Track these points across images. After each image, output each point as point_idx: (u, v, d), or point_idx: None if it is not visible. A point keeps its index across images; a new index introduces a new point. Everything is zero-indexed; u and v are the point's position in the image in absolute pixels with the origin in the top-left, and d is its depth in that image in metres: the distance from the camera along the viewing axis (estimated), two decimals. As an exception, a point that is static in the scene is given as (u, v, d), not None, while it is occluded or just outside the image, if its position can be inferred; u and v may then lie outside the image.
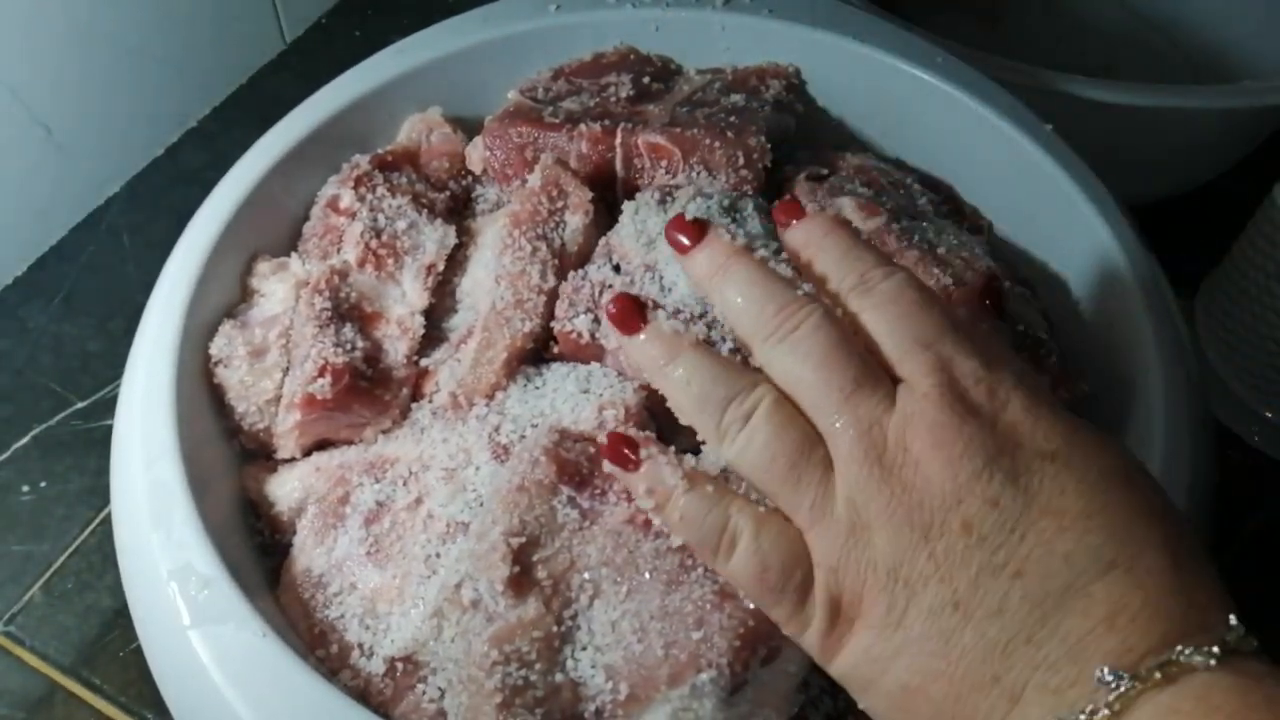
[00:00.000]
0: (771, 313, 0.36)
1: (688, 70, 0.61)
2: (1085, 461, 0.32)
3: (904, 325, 0.35)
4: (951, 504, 0.32)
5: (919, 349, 0.34)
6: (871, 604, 0.33)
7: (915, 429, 0.33)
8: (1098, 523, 0.31)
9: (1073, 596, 0.30)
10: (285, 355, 0.50)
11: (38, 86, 0.66)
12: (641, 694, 0.38)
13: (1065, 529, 0.31)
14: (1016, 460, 0.32)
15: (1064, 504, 0.31)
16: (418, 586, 0.44)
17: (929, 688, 0.32)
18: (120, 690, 0.54)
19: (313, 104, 0.57)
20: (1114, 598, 0.30)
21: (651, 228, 0.48)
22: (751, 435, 0.35)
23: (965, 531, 0.32)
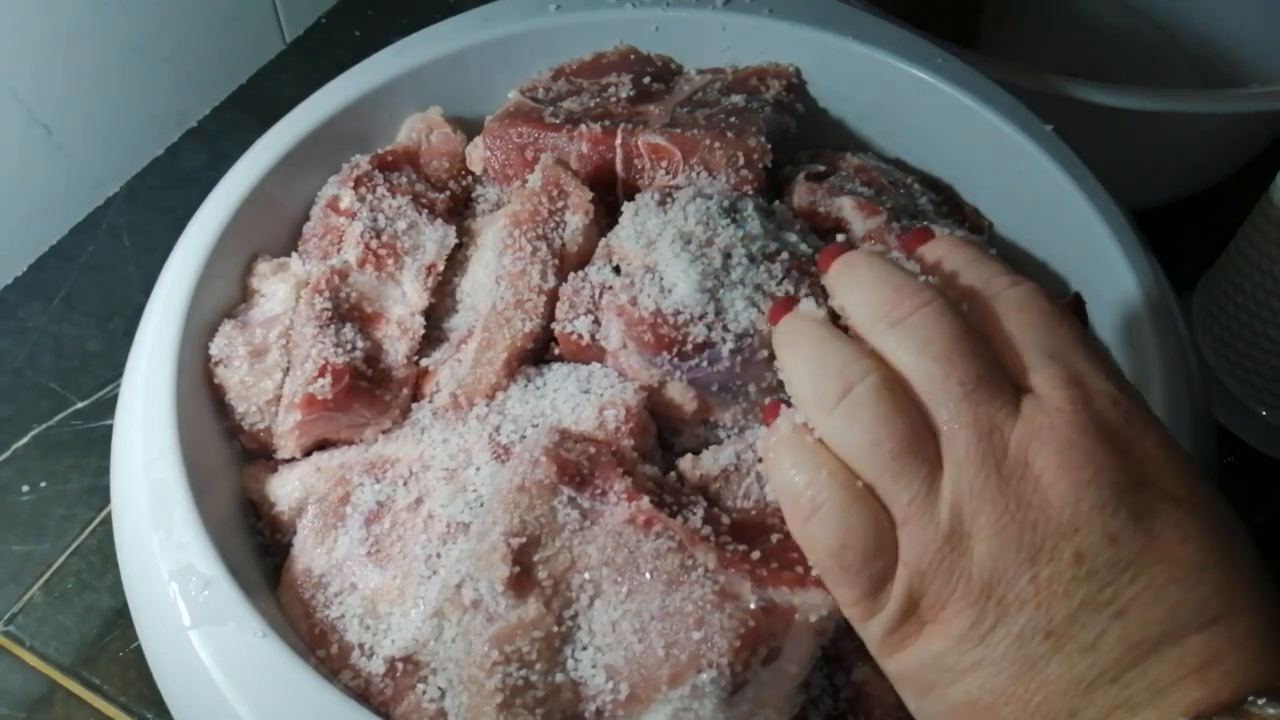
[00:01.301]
0: (890, 292, 0.34)
1: (688, 70, 0.61)
2: (1209, 513, 0.31)
3: (1033, 333, 0.33)
4: (1068, 531, 0.30)
5: (1050, 359, 0.32)
6: (956, 614, 0.32)
7: (1042, 443, 0.31)
8: (1211, 576, 0.30)
9: (1169, 644, 0.29)
10: (285, 355, 0.50)
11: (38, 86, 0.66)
12: (642, 694, 0.38)
13: (1178, 579, 0.30)
14: (1143, 498, 0.31)
15: (1182, 553, 0.30)
16: (418, 586, 0.44)
17: (999, 709, 0.31)
18: (120, 690, 0.54)
19: (313, 104, 0.57)
20: (1211, 651, 0.29)
21: (651, 229, 0.48)
22: (855, 411, 0.33)
23: (1076, 562, 0.30)
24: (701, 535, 0.40)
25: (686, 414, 0.47)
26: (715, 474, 0.45)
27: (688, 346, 0.45)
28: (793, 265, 0.47)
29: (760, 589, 0.39)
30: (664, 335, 0.45)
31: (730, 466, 0.45)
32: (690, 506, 0.42)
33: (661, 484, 0.44)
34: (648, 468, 0.44)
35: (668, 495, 0.43)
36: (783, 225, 0.49)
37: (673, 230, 0.47)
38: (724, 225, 0.47)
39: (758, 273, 0.46)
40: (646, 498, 0.41)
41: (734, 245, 0.46)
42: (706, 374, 0.46)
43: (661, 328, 0.45)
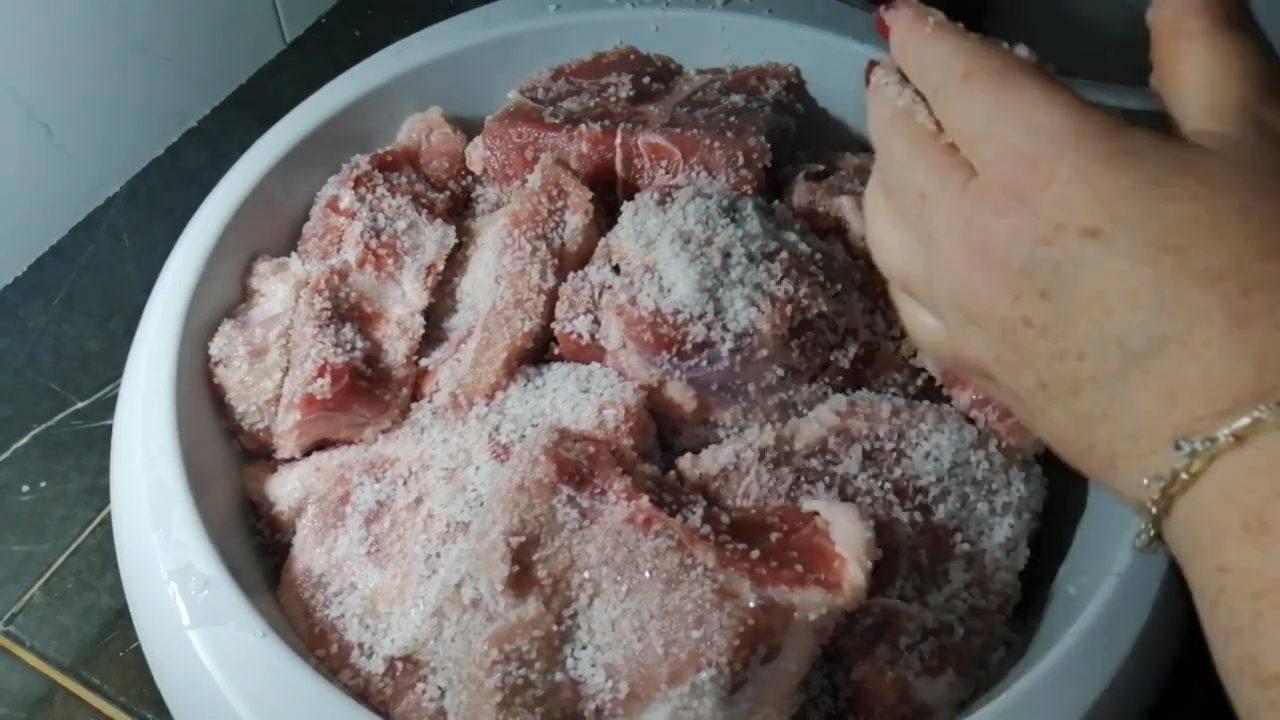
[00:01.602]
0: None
1: (688, 70, 0.61)
2: (1133, 230, 0.31)
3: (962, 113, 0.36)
4: (1012, 302, 0.33)
5: (965, 142, 0.36)
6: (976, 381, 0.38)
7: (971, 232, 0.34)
8: (1143, 299, 0.30)
9: (1134, 374, 0.30)
10: (285, 355, 0.50)
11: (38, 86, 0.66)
12: (641, 693, 0.38)
13: (1111, 311, 0.31)
14: (1058, 246, 0.32)
15: (1107, 285, 0.31)
16: (418, 586, 0.44)
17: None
18: (120, 690, 0.54)
19: (313, 104, 0.57)
20: (1169, 373, 0.30)
21: (651, 228, 0.48)
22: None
23: (1027, 326, 0.33)
24: (701, 534, 0.40)
25: (686, 413, 0.47)
26: (715, 473, 0.45)
27: (687, 346, 0.45)
28: (792, 264, 0.47)
29: (760, 588, 0.39)
30: (663, 335, 0.45)
31: (730, 466, 0.45)
32: (690, 506, 0.42)
33: (661, 483, 0.44)
34: (647, 467, 0.44)
35: (667, 494, 0.43)
36: (782, 225, 0.49)
37: (672, 230, 0.47)
38: (723, 225, 0.47)
39: (757, 272, 0.46)
40: (646, 497, 0.41)
41: (733, 245, 0.46)
42: (706, 373, 0.46)
43: (661, 327, 0.45)
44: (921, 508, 0.45)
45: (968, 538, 0.45)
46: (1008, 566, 0.45)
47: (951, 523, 0.45)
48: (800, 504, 0.44)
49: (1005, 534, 0.45)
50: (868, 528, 0.41)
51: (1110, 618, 0.40)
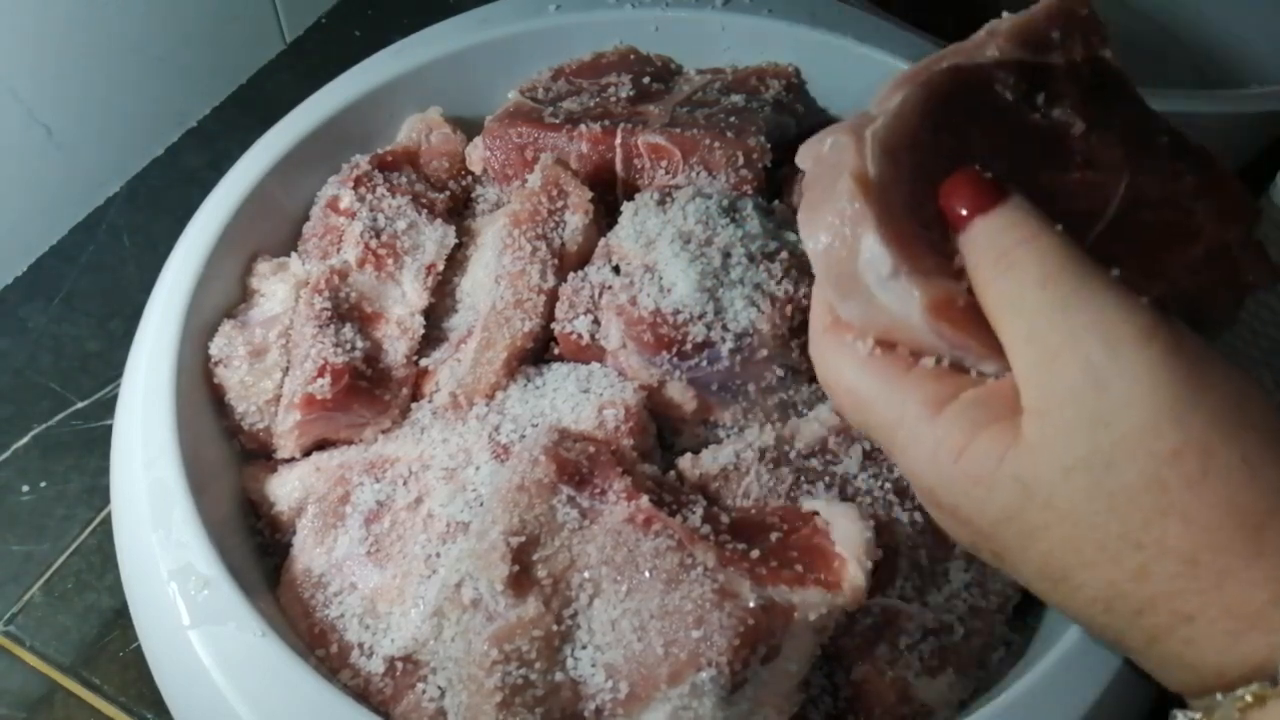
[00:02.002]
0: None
1: (688, 70, 0.61)
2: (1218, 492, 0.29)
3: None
4: (1112, 566, 0.31)
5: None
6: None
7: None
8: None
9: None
10: (285, 355, 0.50)
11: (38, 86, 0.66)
12: (641, 692, 0.38)
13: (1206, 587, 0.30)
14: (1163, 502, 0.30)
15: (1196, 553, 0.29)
16: (418, 586, 0.44)
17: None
18: (120, 690, 0.54)
19: (313, 104, 0.57)
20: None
21: (651, 228, 0.48)
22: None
23: (1123, 582, 0.30)
24: (701, 534, 0.40)
25: (686, 413, 0.47)
26: (715, 473, 0.45)
27: (687, 346, 0.45)
28: (792, 264, 0.47)
29: (759, 587, 0.39)
30: (663, 335, 0.45)
31: (730, 466, 0.45)
32: (690, 505, 0.42)
33: (661, 483, 0.44)
34: (647, 467, 0.44)
35: (667, 494, 0.43)
36: (782, 224, 0.49)
37: (672, 230, 0.47)
38: (723, 225, 0.47)
39: (757, 272, 0.46)
40: (646, 497, 0.41)
41: (733, 245, 0.46)
42: (706, 373, 0.46)
43: (661, 327, 0.45)
44: (921, 508, 0.45)
45: (968, 538, 0.45)
46: (1008, 566, 0.45)
47: (951, 523, 0.45)
48: (800, 504, 0.44)
49: (1005, 534, 0.45)
50: (868, 528, 0.41)
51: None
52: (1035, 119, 0.35)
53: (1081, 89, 0.36)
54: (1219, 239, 0.36)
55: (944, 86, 0.34)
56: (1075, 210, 0.34)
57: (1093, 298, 0.30)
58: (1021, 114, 0.35)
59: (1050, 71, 0.36)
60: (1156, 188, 0.36)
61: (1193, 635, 0.29)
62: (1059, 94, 0.36)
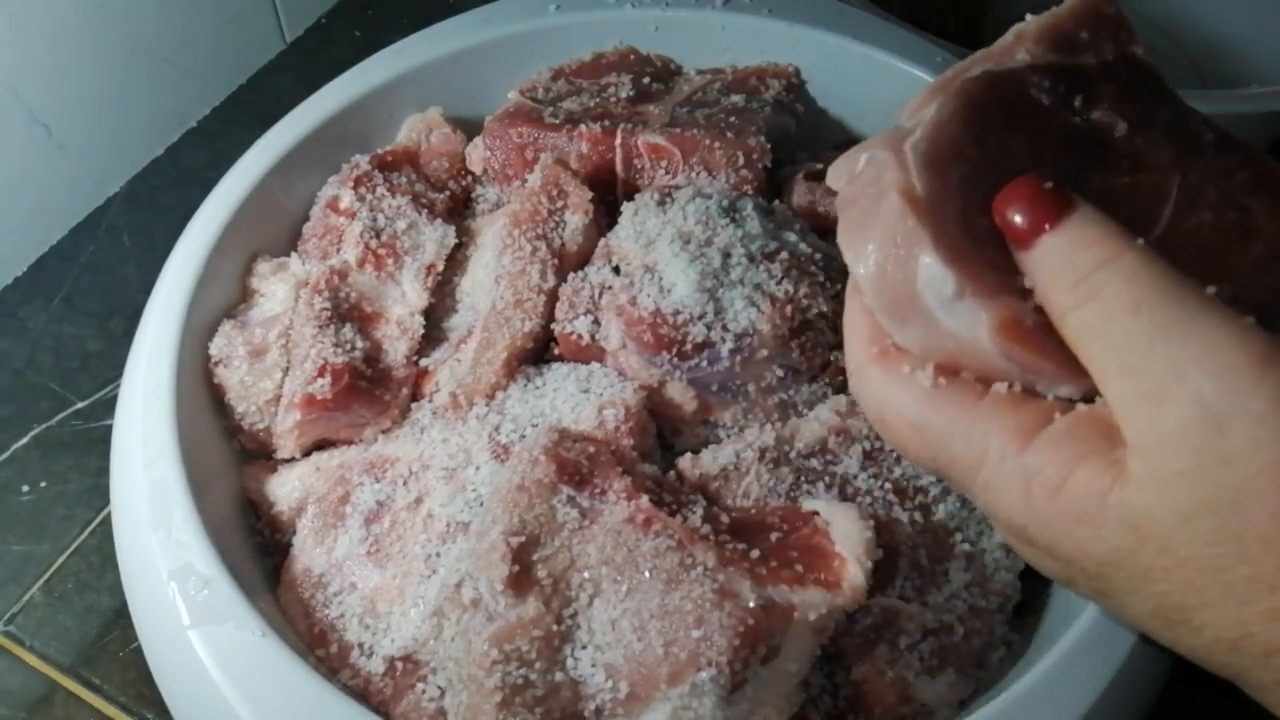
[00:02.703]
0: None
1: (688, 70, 0.61)
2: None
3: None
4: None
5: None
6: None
7: None
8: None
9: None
10: (285, 355, 0.50)
11: (38, 86, 0.66)
12: (641, 692, 0.38)
13: None
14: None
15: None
16: (418, 586, 0.44)
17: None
18: (120, 690, 0.54)
19: (313, 104, 0.57)
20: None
21: (651, 229, 0.48)
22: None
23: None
24: (701, 534, 0.40)
25: (686, 414, 0.47)
26: (715, 473, 0.45)
27: (687, 346, 0.45)
28: (792, 265, 0.47)
29: (759, 587, 0.39)
30: (663, 335, 0.45)
31: (730, 466, 0.45)
32: (689, 505, 0.42)
33: (661, 483, 0.44)
34: (647, 467, 0.44)
35: (667, 494, 0.43)
36: (782, 225, 0.49)
37: (672, 230, 0.47)
38: (723, 225, 0.47)
39: (757, 272, 0.46)
40: (646, 497, 0.41)
41: (733, 245, 0.46)
42: (706, 374, 0.46)
43: (661, 327, 0.45)
44: (921, 507, 0.45)
45: (968, 537, 0.45)
46: (1008, 566, 0.45)
47: (951, 522, 0.45)
48: (800, 504, 0.44)
49: (1005, 534, 0.45)
50: (868, 528, 0.41)
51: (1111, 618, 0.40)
52: (1076, 122, 0.34)
53: (1118, 88, 0.35)
54: (1277, 232, 0.35)
55: (980, 93, 0.33)
56: (1129, 215, 0.32)
57: (1194, 323, 0.28)
58: (1062, 118, 0.34)
59: (1085, 72, 0.34)
60: (1209, 185, 0.34)
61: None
62: (1097, 95, 0.34)
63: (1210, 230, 0.34)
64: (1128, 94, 0.35)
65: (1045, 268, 0.30)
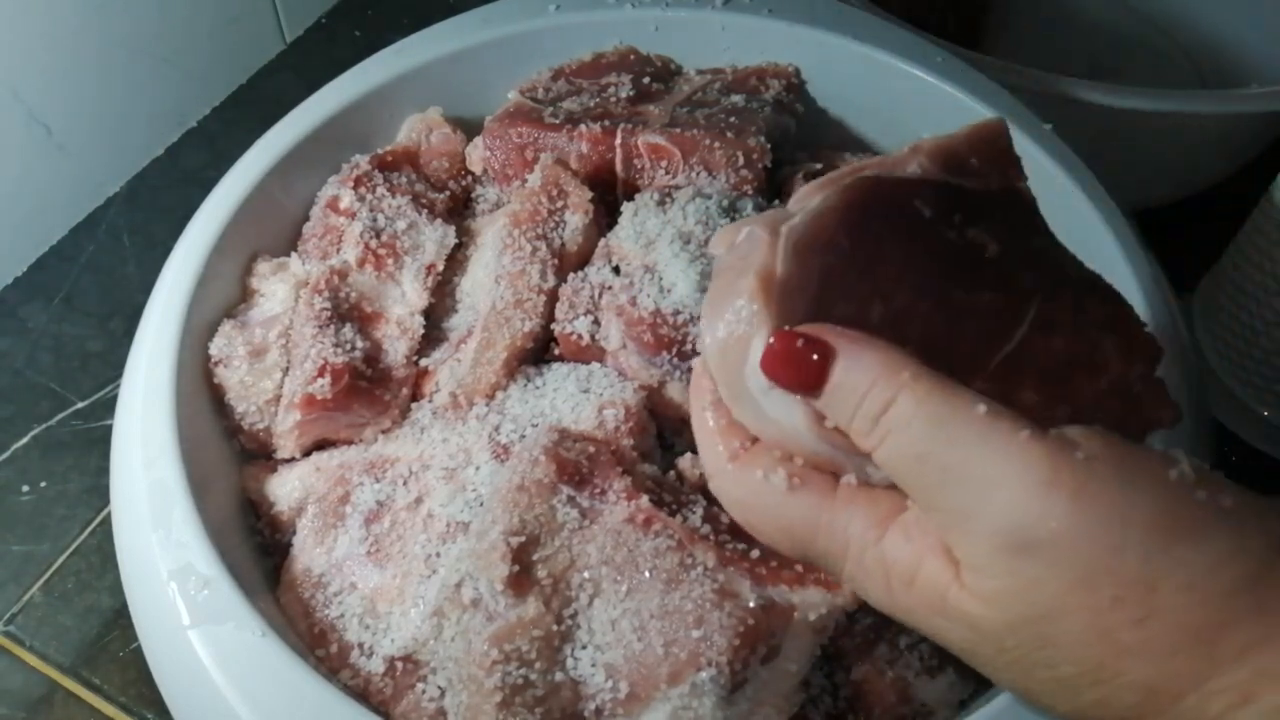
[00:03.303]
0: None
1: (688, 70, 0.61)
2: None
3: None
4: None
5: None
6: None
7: None
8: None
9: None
10: (285, 355, 0.50)
11: (38, 86, 0.66)
12: (641, 692, 0.38)
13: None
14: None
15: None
16: (418, 586, 0.44)
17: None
18: (120, 690, 0.54)
19: (313, 104, 0.57)
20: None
21: (650, 229, 0.48)
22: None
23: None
24: (701, 534, 0.40)
25: (686, 414, 0.47)
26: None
27: (687, 346, 0.45)
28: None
29: (759, 587, 0.39)
30: (663, 335, 0.45)
31: (730, 466, 0.45)
32: (689, 505, 0.42)
33: (661, 483, 0.44)
34: (647, 467, 0.44)
35: (667, 494, 0.43)
36: (782, 225, 0.49)
37: (672, 230, 0.47)
38: (723, 225, 0.47)
39: (757, 272, 0.46)
40: (646, 497, 0.41)
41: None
42: (706, 373, 0.46)
43: (661, 328, 0.45)
44: (921, 508, 0.45)
45: (968, 538, 0.45)
46: (1008, 566, 0.45)
47: (951, 523, 0.45)
48: (800, 504, 0.43)
49: (1005, 534, 0.45)
50: (868, 528, 0.41)
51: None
52: (951, 237, 0.35)
53: (998, 214, 0.36)
54: (1123, 373, 0.36)
55: (864, 193, 0.34)
56: (983, 330, 0.34)
57: (977, 457, 0.29)
58: (938, 230, 0.35)
59: (968, 194, 0.36)
60: (1065, 316, 0.36)
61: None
62: (976, 216, 0.36)
63: (1061, 357, 0.35)
64: (1005, 220, 0.36)
65: (834, 416, 0.31)
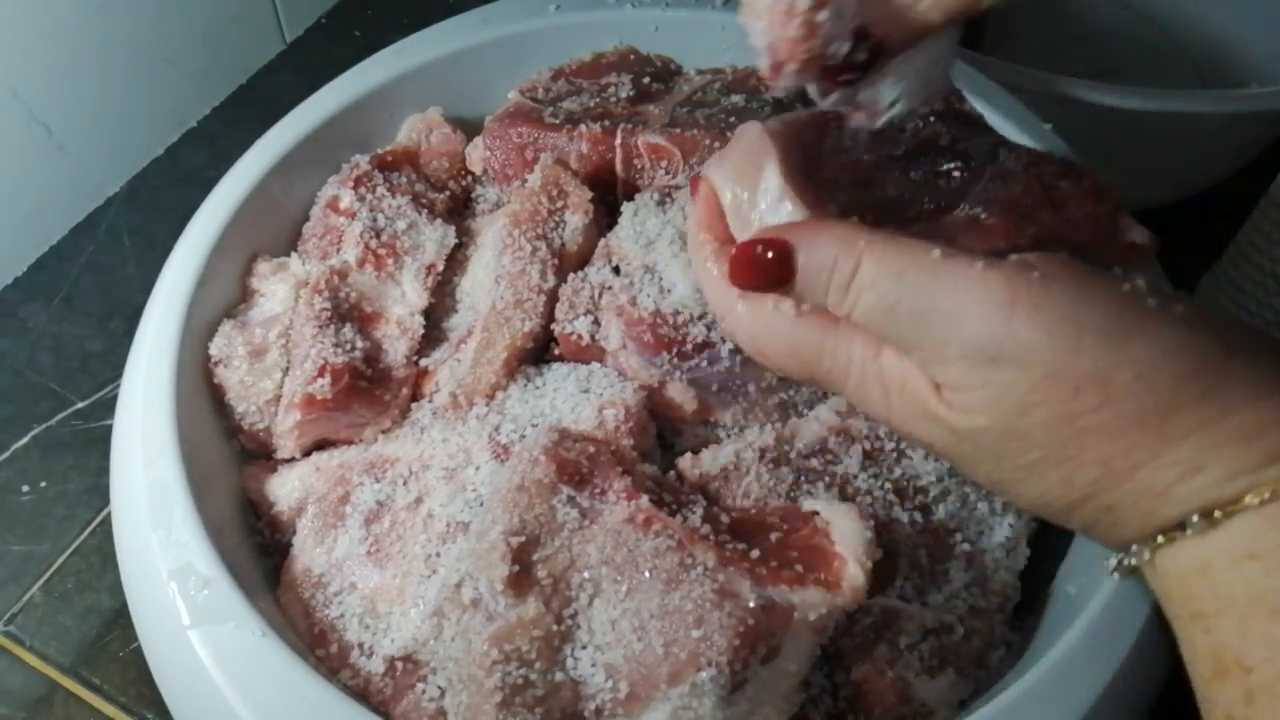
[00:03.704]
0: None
1: (688, 70, 0.61)
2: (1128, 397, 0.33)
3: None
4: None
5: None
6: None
7: None
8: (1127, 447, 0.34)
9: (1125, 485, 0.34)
10: (285, 355, 0.50)
11: (38, 86, 0.66)
12: (641, 692, 0.38)
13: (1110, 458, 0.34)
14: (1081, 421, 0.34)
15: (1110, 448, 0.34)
16: (418, 586, 0.44)
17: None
18: (120, 690, 0.54)
19: (313, 104, 0.57)
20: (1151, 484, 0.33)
21: (650, 229, 0.48)
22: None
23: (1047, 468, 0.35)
24: (701, 534, 0.40)
25: (686, 414, 0.47)
26: (715, 473, 0.45)
27: (687, 346, 0.45)
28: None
29: (759, 587, 0.39)
30: (663, 335, 0.45)
31: (730, 465, 0.45)
32: (689, 505, 0.42)
33: (661, 483, 0.44)
34: (647, 467, 0.44)
35: (667, 494, 0.43)
36: (782, 225, 0.49)
37: (672, 230, 0.47)
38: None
39: (757, 272, 0.46)
40: (646, 497, 0.41)
41: (733, 245, 0.46)
42: (706, 374, 0.46)
43: (661, 328, 0.45)
44: (921, 508, 0.45)
45: (968, 538, 0.45)
46: (1008, 566, 0.45)
47: (951, 523, 0.45)
48: (800, 504, 0.44)
49: (1005, 534, 0.45)
50: (868, 528, 0.41)
51: (1110, 618, 0.40)
52: (908, 137, 0.42)
53: (949, 120, 0.43)
54: (1086, 211, 0.42)
55: (811, 117, 0.41)
56: (949, 189, 0.40)
57: (942, 294, 0.34)
58: (899, 139, 0.41)
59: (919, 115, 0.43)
60: (1020, 169, 0.42)
61: (1116, 520, 0.34)
62: (930, 123, 0.43)
63: (1021, 198, 0.41)
64: (954, 123, 0.43)
65: (810, 299, 0.36)
